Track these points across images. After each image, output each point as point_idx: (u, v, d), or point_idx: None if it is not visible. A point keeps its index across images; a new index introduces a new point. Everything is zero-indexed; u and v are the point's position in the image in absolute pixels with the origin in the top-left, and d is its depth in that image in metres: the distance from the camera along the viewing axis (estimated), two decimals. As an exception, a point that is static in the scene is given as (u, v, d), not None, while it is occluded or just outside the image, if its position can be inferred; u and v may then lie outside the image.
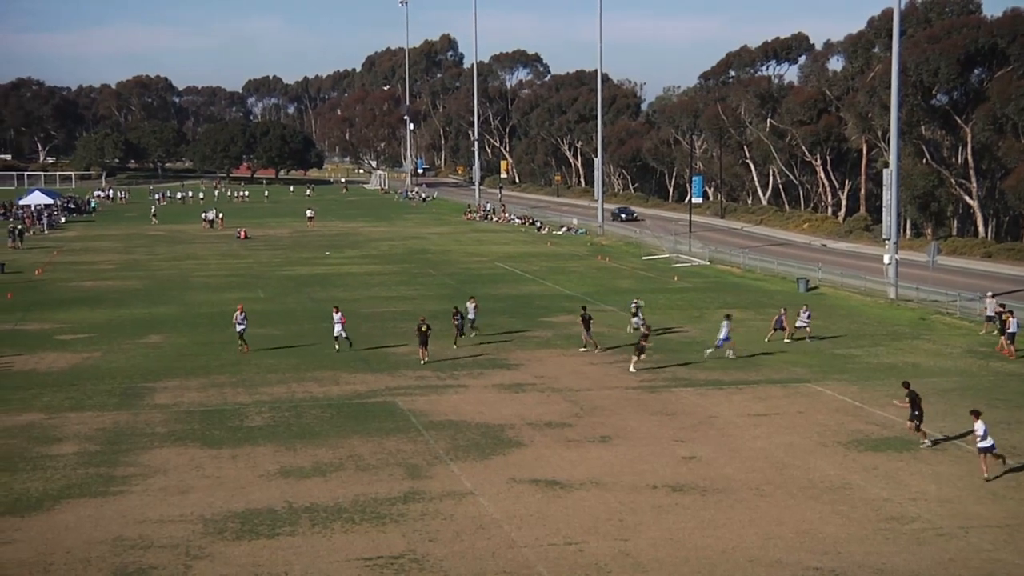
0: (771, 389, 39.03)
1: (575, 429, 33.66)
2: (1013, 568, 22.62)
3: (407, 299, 61.42)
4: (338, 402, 37.18)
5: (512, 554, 23.47)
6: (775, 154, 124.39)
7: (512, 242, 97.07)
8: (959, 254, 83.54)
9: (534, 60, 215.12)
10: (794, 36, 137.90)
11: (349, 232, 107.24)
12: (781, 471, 29.19)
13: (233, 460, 30.39)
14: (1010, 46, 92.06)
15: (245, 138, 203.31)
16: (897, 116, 64.61)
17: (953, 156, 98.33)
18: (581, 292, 63.99)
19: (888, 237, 63.96)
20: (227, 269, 76.81)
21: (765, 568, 22.66)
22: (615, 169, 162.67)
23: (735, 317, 49.07)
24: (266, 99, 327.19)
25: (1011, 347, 44.94)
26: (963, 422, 34.02)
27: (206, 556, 23.38)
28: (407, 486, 27.99)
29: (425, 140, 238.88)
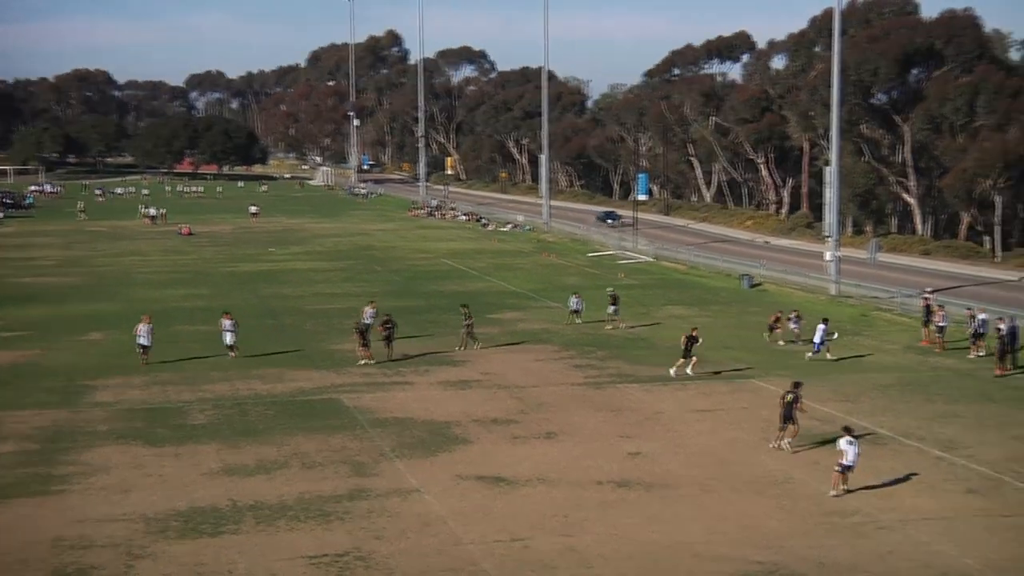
0: (716, 385, 39.34)
1: (521, 426, 33.72)
2: (949, 559, 23.00)
3: (352, 296, 61.13)
4: (283, 399, 36.97)
5: (458, 551, 23.48)
6: (719, 152, 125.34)
7: (458, 239, 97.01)
8: (898, 251, 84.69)
9: (480, 57, 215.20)
10: (737, 35, 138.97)
11: (294, 228, 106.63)
12: (725, 466, 29.44)
13: (176, 458, 30.12)
14: (946, 47, 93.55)
15: (188, 133, 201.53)
16: (838, 115, 65.34)
17: (892, 155, 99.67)
18: (527, 288, 64.11)
19: (829, 234, 64.73)
20: (170, 265, 76.08)
21: (709, 562, 22.86)
22: (561, 166, 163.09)
23: (682, 314, 49.40)
24: (209, 94, 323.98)
25: (941, 340, 45.71)
26: (902, 418, 34.58)
27: (148, 555, 23.16)
28: (352, 484, 27.89)
29: (370, 136, 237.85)
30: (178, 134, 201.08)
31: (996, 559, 23.01)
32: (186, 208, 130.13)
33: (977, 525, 25.04)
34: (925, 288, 53.48)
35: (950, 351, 45.20)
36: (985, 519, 25.43)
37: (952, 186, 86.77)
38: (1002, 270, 75.66)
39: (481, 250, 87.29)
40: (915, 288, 59.30)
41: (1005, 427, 33.56)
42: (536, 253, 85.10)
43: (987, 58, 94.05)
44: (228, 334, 43.64)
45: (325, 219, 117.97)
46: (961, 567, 22.61)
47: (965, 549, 23.55)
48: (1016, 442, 31.81)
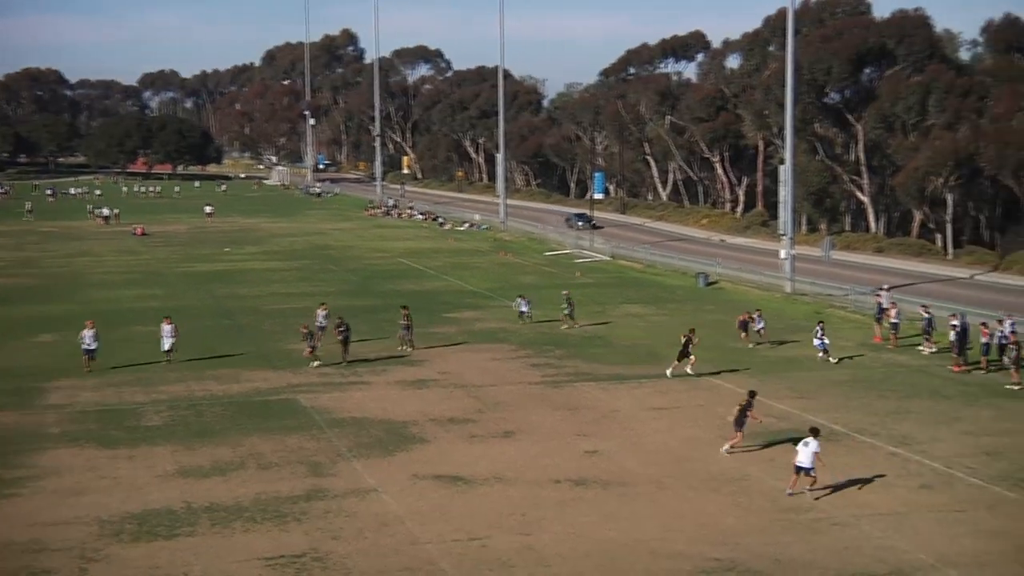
0: (672, 383, 39.51)
1: (478, 425, 33.72)
2: (903, 554, 23.24)
3: (309, 295, 60.82)
4: (239, 400, 36.74)
5: (415, 551, 23.44)
6: (675, 151, 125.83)
7: (415, 238, 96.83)
8: (852, 249, 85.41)
9: (436, 56, 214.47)
10: (692, 34, 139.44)
11: (250, 228, 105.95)
12: (682, 464, 29.58)
13: (130, 460, 29.85)
14: (898, 46, 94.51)
15: (141, 132, 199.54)
16: (792, 114, 65.86)
17: (846, 153, 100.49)
18: (485, 288, 64.10)
19: (784, 232, 65.20)
20: (124, 266, 75.38)
21: (666, 560, 22.96)
22: (517, 165, 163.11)
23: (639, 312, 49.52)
24: (163, 93, 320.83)
25: (895, 337, 46.22)
26: (856, 414, 34.90)
27: (102, 558, 22.94)
28: (309, 484, 27.77)
29: (326, 135, 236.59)
30: (131, 133, 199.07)
31: (948, 553, 23.29)
32: (141, 208, 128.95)
33: (930, 520, 25.33)
34: (882, 285, 53.97)
35: (903, 348, 45.67)
36: (937, 514, 25.73)
37: (904, 184, 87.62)
38: (953, 267, 76.54)
39: (438, 249, 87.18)
40: (869, 286, 59.85)
41: (956, 423, 33.97)
42: (493, 252, 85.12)
43: (938, 58, 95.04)
44: (166, 339, 42.41)
45: (281, 219, 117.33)
46: (914, 561, 22.86)
47: (918, 544, 23.81)
48: (967, 437, 32.21)
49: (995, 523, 25.16)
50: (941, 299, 55.07)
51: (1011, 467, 29.25)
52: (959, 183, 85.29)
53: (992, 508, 26.15)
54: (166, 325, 42.68)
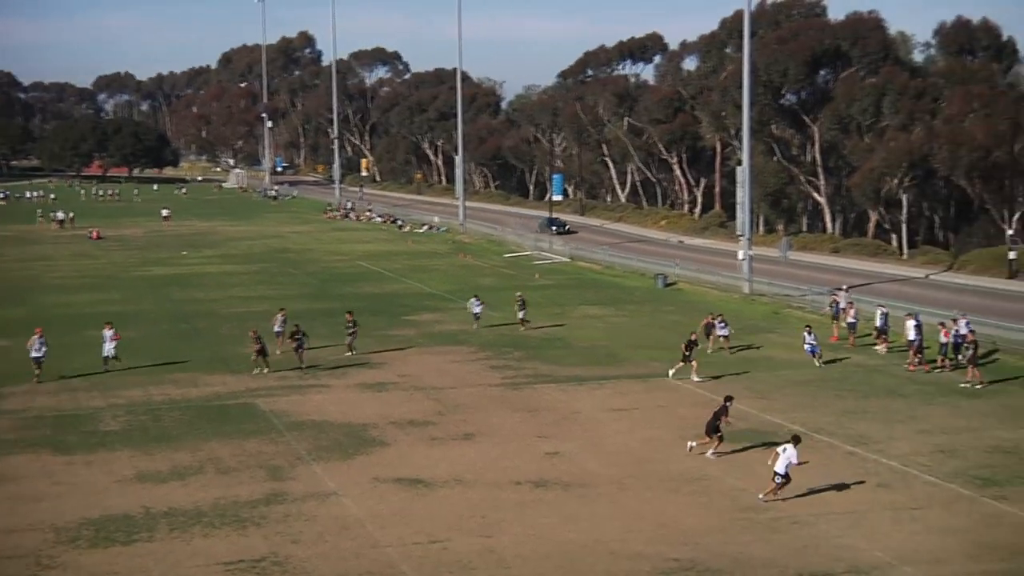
0: (632, 384, 39.66)
1: (438, 427, 33.69)
2: (860, 552, 23.45)
3: (267, 299, 60.55)
4: (197, 404, 36.50)
5: (376, 554, 23.39)
6: (633, 152, 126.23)
7: (374, 240, 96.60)
8: (809, 249, 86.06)
9: (393, 58, 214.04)
10: (649, 36, 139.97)
11: (207, 231, 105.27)
12: (642, 465, 29.69)
13: (87, 466, 29.58)
14: (852, 48, 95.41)
15: (96, 136, 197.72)
16: (749, 115, 66.27)
17: (802, 154, 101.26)
18: (444, 290, 64.04)
19: (742, 233, 65.58)
20: (80, 270, 74.68)
21: (626, 560, 23.04)
22: (476, 167, 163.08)
23: (598, 314, 49.58)
24: (118, 96, 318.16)
25: (852, 336, 46.65)
26: (814, 414, 35.18)
27: (58, 565, 22.71)
28: (269, 488, 27.64)
29: (284, 138, 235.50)
30: (86, 137, 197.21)
31: (905, 551, 23.52)
32: (97, 212, 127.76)
33: (887, 518, 25.58)
34: (841, 285, 54.42)
35: (860, 347, 46.07)
36: (894, 512, 25.98)
37: (860, 185, 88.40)
38: (908, 267, 77.32)
39: (397, 252, 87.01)
40: (826, 286, 60.34)
41: (912, 422, 34.32)
42: (452, 254, 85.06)
43: (892, 60, 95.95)
44: (107, 345, 41.15)
45: (239, 222, 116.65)
46: (871, 559, 23.07)
47: (875, 542, 24.04)
48: (923, 436, 32.55)
49: (951, 520, 25.45)
50: (897, 299, 55.61)
51: (966, 465, 29.60)
52: (913, 184, 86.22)
53: (947, 506, 26.45)
54: (107, 331, 41.42)
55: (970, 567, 22.70)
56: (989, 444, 31.64)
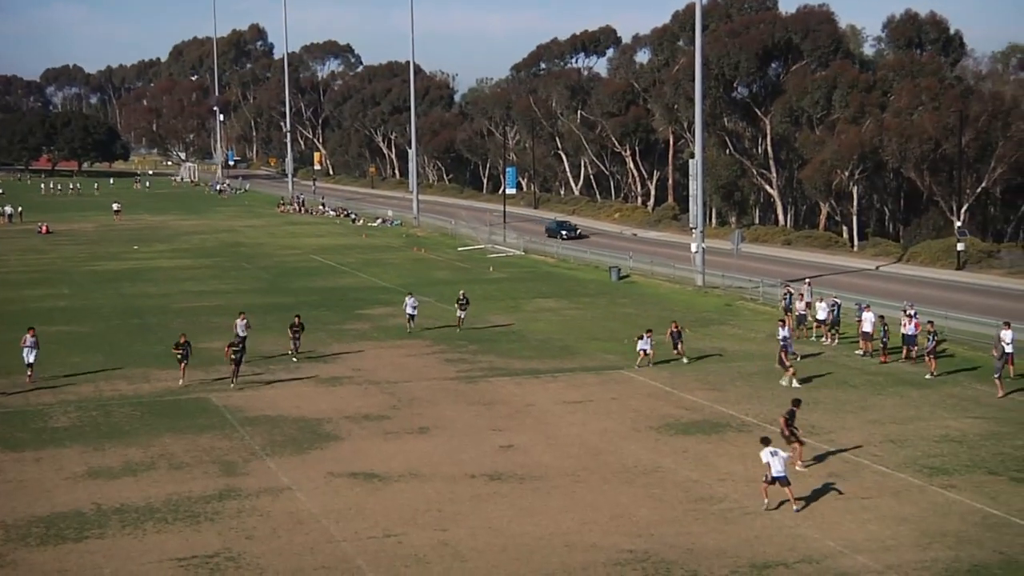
0: (586, 377, 39.79)
1: (393, 421, 33.64)
2: (812, 542, 23.68)
3: (220, 293, 60.20)
4: (149, 400, 36.20)
5: (331, 548, 23.33)
6: (586, 145, 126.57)
7: (327, 234, 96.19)
8: (761, 242, 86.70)
9: (346, 51, 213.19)
10: (602, 29, 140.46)
11: (158, 226, 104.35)
12: (596, 457, 29.81)
13: (37, 463, 29.26)
14: (803, 41, 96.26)
15: (44, 129, 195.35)
16: (701, 108, 66.60)
17: (754, 147, 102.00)
18: (398, 284, 63.87)
19: (695, 226, 65.93)
20: (28, 265, 73.77)
21: (581, 552, 23.13)
22: (429, 160, 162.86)
23: (552, 307, 49.53)
24: (67, 88, 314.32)
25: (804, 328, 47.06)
26: (766, 405, 35.45)
27: (7, 564, 22.46)
28: (222, 483, 27.48)
29: (236, 131, 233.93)
30: (34, 130, 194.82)
31: (856, 540, 23.78)
32: (46, 206, 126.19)
33: (838, 508, 25.83)
34: (804, 279, 54.43)
35: (811, 340, 46.51)
36: (844, 502, 26.25)
37: (811, 178, 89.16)
38: (859, 259, 78.10)
39: (351, 245, 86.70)
40: (777, 278, 60.80)
41: (863, 412, 34.70)
42: (406, 248, 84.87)
43: (842, 53, 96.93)
44: (29, 351, 38.13)
45: (191, 216, 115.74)
46: (823, 549, 23.31)
47: (827, 531, 24.29)
48: (873, 426, 32.91)
49: (900, 509, 25.75)
50: (848, 290, 56.11)
51: (915, 454, 29.97)
52: (864, 176, 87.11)
53: (897, 495, 26.76)
54: (29, 336, 38.44)
55: (920, 555, 22.99)
56: (938, 434, 32.05)
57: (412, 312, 48.25)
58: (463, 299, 49.52)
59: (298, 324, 42.94)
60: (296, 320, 43.27)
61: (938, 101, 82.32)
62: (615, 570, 22.24)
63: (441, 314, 52.32)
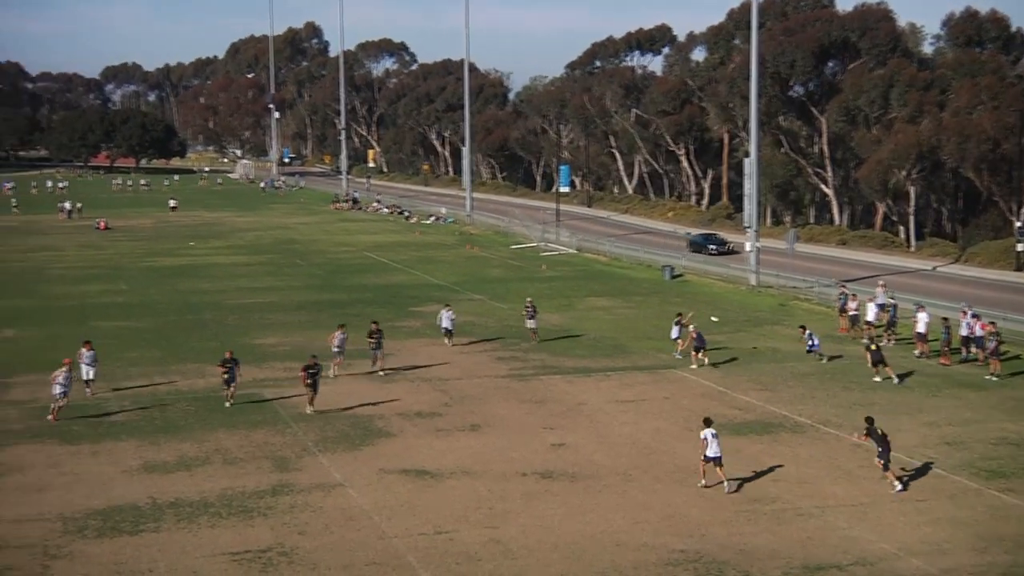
0: (638, 376, 39.64)
1: (445, 418, 33.71)
2: (866, 544, 23.44)
3: (274, 290, 60.64)
4: (203, 395, 36.53)
5: (382, 545, 23.42)
6: (640, 144, 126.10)
7: (380, 231, 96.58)
8: (816, 241, 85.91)
9: (401, 49, 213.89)
10: (657, 27, 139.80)
11: (214, 222, 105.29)
12: (648, 456, 29.69)
13: (94, 456, 29.65)
14: (861, 40, 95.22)
15: (104, 126, 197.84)
16: (756, 107, 66.09)
17: (810, 146, 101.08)
18: (451, 281, 64.00)
19: (749, 225, 65.46)
20: (86, 261, 74.75)
21: (632, 552, 23.05)
22: (483, 158, 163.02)
23: (605, 305, 49.33)
24: (125, 86, 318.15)
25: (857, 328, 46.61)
26: (820, 406, 35.14)
27: (65, 555, 22.77)
28: (275, 479, 27.68)
29: (291, 129, 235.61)
30: (93, 127, 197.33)
31: (911, 542, 23.51)
32: (105, 202, 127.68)
33: (893, 510, 25.56)
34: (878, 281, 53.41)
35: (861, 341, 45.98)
36: (899, 504, 25.96)
37: (867, 177, 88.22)
38: (916, 259, 77.13)
39: (404, 243, 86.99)
40: (833, 278, 60.22)
41: (919, 414, 34.28)
42: (459, 246, 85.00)
43: (900, 51, 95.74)
44: (87, 368, 35.85)
45: (246, 212, 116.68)
46: (878, 551, 23.07)
47: (882, 533, 24.03)
48: (928, 428, 32.51)
49: (956, 512, 25.43)
50: (905, 291, 55.43)
51: (971, 457, 29.57)
52: (921, 176, 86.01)
53: (953, 497, 26.42)
54: (86, 351, 36.13)
55: (976, 559, 22.68)
56: (995, 436, 31.61)
57: (448, 326, 44.61)
58: (530, 307, 46.01)
59: (376, 330, 40.08)
60: (374, 327, 40.30)
61: (998, 100, 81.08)
62: (667, 570, 22.14)
63: (493, 312, 52.35)
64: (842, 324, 48.24)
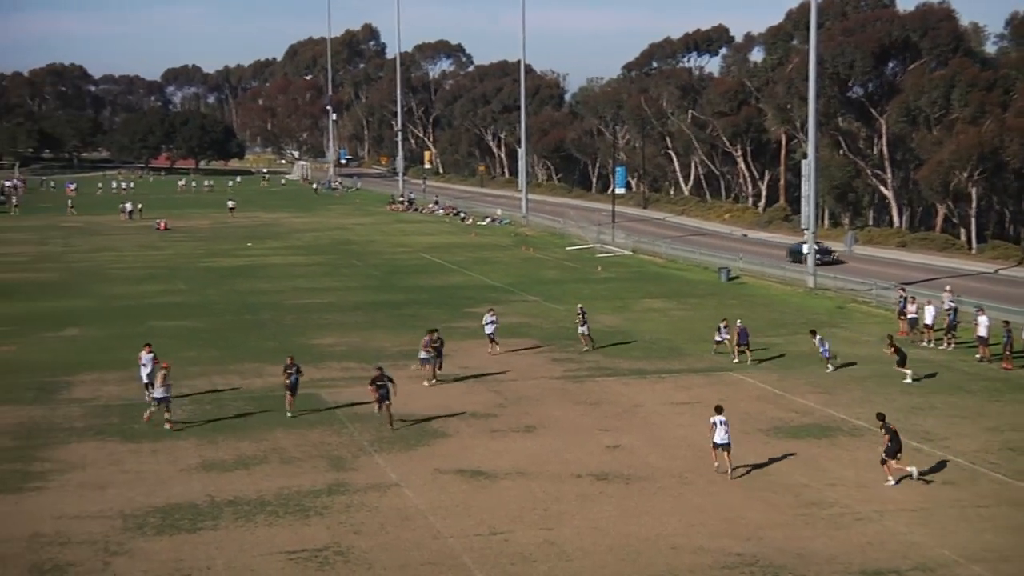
0: (694, 378, 39.44)
1: (500, 419, 33.74)
2: (926, 549, 23.14)
3: (332, 290, 61.05)
4: (261, 395, 36.84)
5: (437, 545, 23.48)
6: (696, 145, 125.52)
7: (436, 232, 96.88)
8: (875, 243, 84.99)
9: (457, 50, 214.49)
10: (715, 28, 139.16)
11: (271, 223, 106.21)
12: (704, 459, 29.50)
13: (153, 454, 30.01)
14: (922, 40, 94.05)
15: (164, 128, 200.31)
16: (814, 108, 65.54)
17: (869, 147, 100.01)
18: (506, 283, 64.06)
19: (807, 227, 64.90)
20: (146, 261, 75.69)
21: (688, 555, 22.93)
22: (539, 159, 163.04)
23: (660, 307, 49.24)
24: (185, 88, 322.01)
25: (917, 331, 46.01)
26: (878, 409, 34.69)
27: (126, 552, 23.07)
28: (331, 478, 27.86)
29: (348, 130, 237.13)
30: (154, 129, 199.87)
31: (972, 549, 23.18)
32: (165, 203, 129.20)
33: (953, 515, 25.22)
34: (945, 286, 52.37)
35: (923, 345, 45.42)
36: (960, 510, 25.61)
37: (928, 178, 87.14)
38: (977, 262, 76.03)
39: (459, 244, 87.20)
40: (891, 280, 59.55)
41: (980, 418, 33.79)
42: (515, 247, 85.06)
43: (962, 51, 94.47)
44: (145, 369, 35.32)
45: (303, 213, 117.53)
46: (938, 557, 22.76)
47: (942, 539, 23.71)
48: (990, 433, 32.03)
49: (1019, 519, 25.04)
50: (966, 294, 54.66)
51: (1035, 463, 29.10)
52: (983, 177, 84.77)
53: (1016, 504, 26.01)
54: (144, 353, 35.40)
55: (1039, 567, 22.33)
56: (1060, 442, 31.07)
57: (491, 331, 43.27)
58: (581, 314, 44.92)
59: (436, 339, 38.83)
60: (432, 335, 38.81)
61: (1063, 100, 79.87)
62: (723, 573, 22.01)
63: (548, 313, 52.34)
64: (901, 327, 47.68)
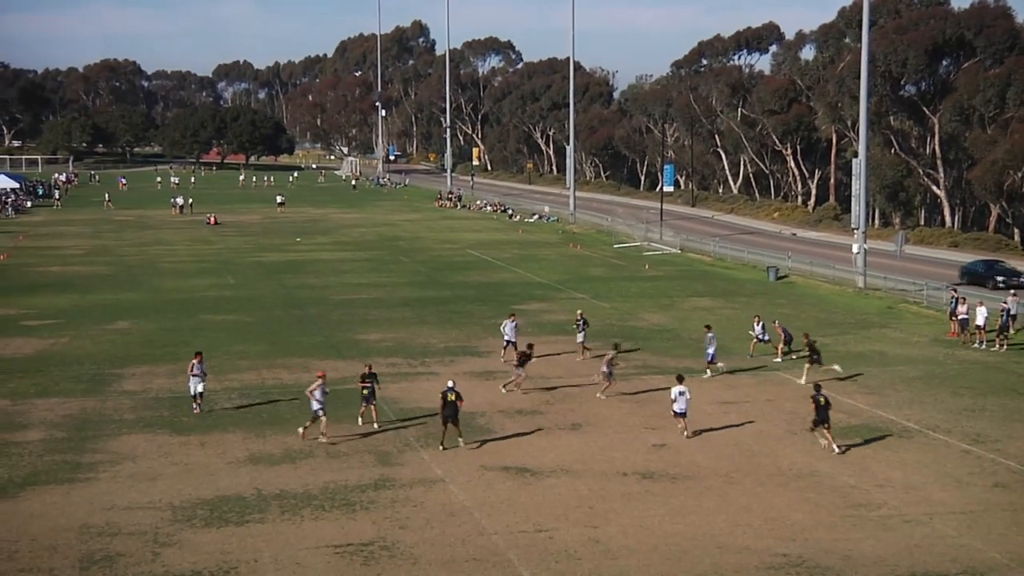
0: (741, 377, 39.23)
1: (546, 417, 33.73)
2: (976, 553, 22.87)
3: (379, 286, 61.30)
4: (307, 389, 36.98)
5: (482, 541, 23.52)
6: (746, 143, 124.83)
7: (484, 229, 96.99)
8: (926, 243, 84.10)
9: (506, 47, 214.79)
10: (765, 26, 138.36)
11: (320, 218, 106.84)
12: (750, 458, 29.36)
13: (202, 447, 30.29)
14: (977, 38, 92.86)
15: (215, 123, 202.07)
16: (866, 106, 64.91)
17: (921, 146, 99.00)
18: (553, 280, 64.03)
19: (857, 226, 64.29)
20: (196, 255, 76.37)
21: (733, 554, 22.81)
22: (587, 157, 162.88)
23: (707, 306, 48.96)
24: (236, 84, 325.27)
25: (967, 332, 45.48)
26: (928, 411, 34.38)
27: (174, 543, 23.31)
28: (377, 473, 27.98)
29: (397, 127, 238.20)
30: (205, 124, 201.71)
31: (1023, 553, 22.87)
32: (212, 198, 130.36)
33: (1004, 519, 24.91)
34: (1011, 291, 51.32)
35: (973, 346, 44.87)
36: (1012, 513, 25.28)
37: (981, 178, 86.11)
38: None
39: (507, 241, 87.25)
40: (943, 280, 58.89)
41: (1033, 421, 33.34)
42: (562, 244, 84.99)
43: (1019, 49, 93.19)
44: (197, 380, 34.06)
45: (351, 209, 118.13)
46: (988, 561, 22.49)
47: (992, 543, 23.43)
48: (1044, 436, 31.60)
49: (1072, 524, 24.67)
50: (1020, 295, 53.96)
51: (1089, 467, 28.67)
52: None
53: (1069, 508, 25.65)
54: (196, 363, 34.14)
55: (1092, 573, 21.99)
56: (1114, 447, 30.59)
57: (511, 338, 40.76)
58: (581, 320, 42.81)
59: (528, 351, 37.43)
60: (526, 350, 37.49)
61: (1121, 99, 78.60)
62: (769, 574, 21.88)
63: (595, 311, 52.19)
64: (952, 328, 47.17)
